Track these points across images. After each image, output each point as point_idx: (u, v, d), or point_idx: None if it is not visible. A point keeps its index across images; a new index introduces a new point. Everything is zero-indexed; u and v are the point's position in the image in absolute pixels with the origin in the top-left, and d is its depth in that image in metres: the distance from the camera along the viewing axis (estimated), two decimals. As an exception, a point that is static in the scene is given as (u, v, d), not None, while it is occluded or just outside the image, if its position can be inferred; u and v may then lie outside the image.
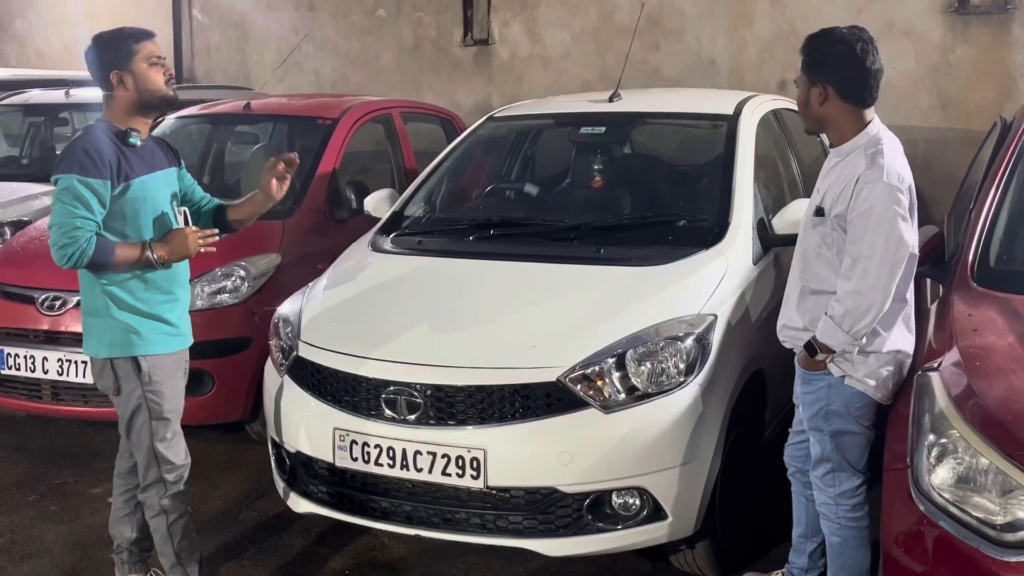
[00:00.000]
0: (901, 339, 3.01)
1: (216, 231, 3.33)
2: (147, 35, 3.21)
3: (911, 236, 2.89)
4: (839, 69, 2.94)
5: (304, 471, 3.59)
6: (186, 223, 3.28)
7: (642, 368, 3.23)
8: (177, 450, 3.33)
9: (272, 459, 3.81)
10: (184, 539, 3.36)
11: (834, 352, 2.94)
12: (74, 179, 3.05)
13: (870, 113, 3.00)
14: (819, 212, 3.01)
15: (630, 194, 4.54)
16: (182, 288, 3.35)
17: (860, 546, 3.13)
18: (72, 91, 7.65)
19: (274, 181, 3.41)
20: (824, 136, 3.27)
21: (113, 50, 3.16)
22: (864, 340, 2.91)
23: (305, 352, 3.60)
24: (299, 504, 3.60)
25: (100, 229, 3.11)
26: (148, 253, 3.15)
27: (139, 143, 3.20)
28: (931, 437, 2.51)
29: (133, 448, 3.34)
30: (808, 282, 3.07)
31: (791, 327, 3.15)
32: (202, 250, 3.25)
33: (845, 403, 3.01)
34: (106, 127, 3.19)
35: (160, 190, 3.26)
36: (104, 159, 3.09)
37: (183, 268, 3.35)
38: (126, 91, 3.17)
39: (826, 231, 2.99)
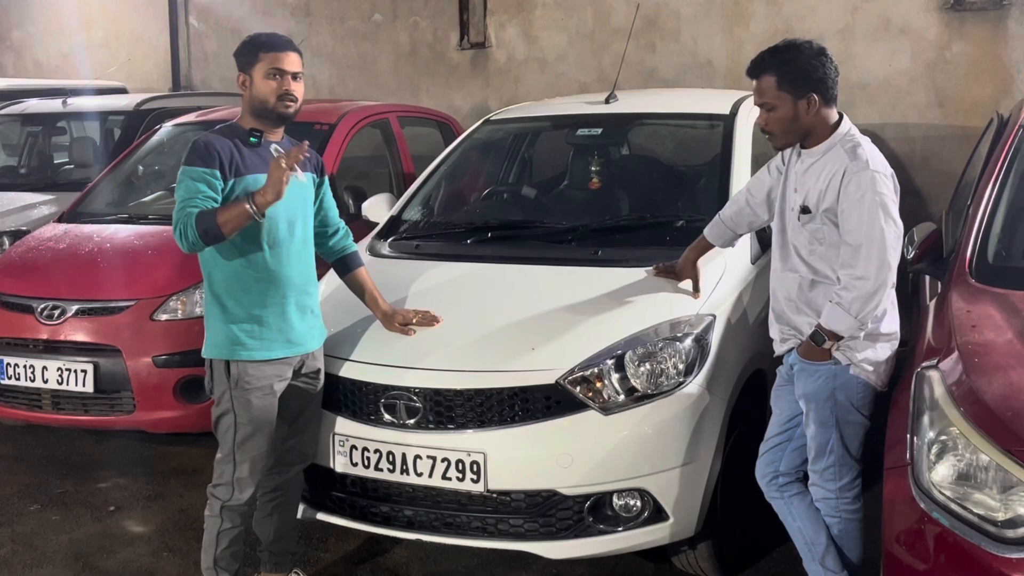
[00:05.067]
0: (894, 322, 3.10)
1: (304, 145, 3.15)
2: (277, 47, 3.21)
3: (899, 219, 2.98)
4: (819, 77, 3.03)
5: (304, 477, 3.58)
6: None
7: (641, 369, 3.23)
8: (255, 466, 3.24)
9: (272, 465, 3.80)
10: (228, 549, 3.30)
11: (840, 339, 2.98)
12: (184, 169, 3.13)
13: (835, 112, 3.09)
14: (805, 210, 3.06)
15: (628, 195, 4.54)
16: (297, 292, 3.27)
17: (860, 536, 3.17)
18: (70, 100, 7.66)
19: (397, 326, 3.49)
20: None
21: (245, 53, 3.24)
22: (870, 324, 2.96)
23: (304, 358, 3.60)
24: (299, 510, 3.60)
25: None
26: (248, 206, 3.02)
27: (259, 143, 3.22)
28: (931, 434, 2.51)
29: (219, 449, 3.28)
30: (806, 275, 3.10)
31: (793, 322, 3.14)
32: (290, 169, 3.05)
33: (849, 392, 3.05)
34: (233, 125, 3.26)
35: None
36: (212, 150, 3.13)
37: (299, 270, 3.28)
38: (247, 93, 3.24)
39: (816, 227, 3.04)
